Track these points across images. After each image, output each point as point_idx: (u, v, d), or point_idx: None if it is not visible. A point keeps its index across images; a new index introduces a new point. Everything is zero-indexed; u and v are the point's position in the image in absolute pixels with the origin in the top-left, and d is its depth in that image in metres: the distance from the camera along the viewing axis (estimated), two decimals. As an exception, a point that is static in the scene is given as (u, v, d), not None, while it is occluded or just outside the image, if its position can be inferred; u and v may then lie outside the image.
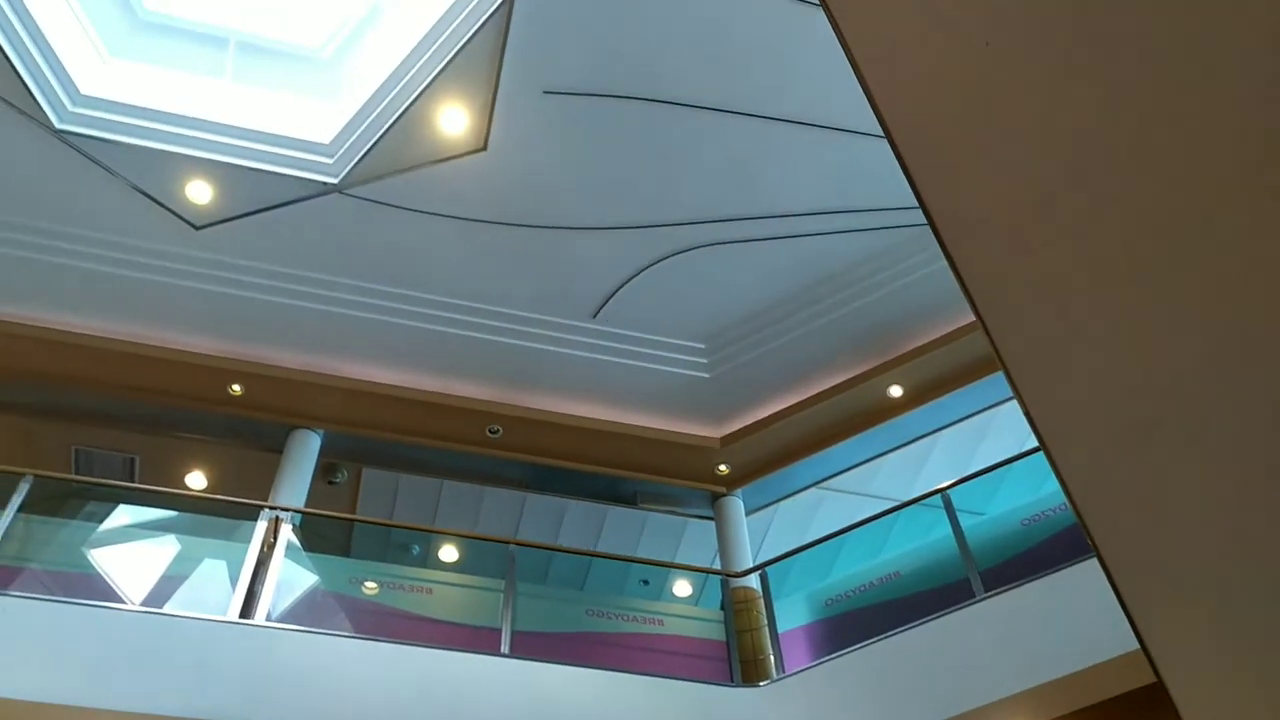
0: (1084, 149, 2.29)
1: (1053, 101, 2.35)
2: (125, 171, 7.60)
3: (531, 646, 7.14)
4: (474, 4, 6.83)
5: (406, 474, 9.69)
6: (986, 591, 6.57)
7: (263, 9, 7.83)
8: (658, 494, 9.71)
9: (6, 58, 6.92)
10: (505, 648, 6.96)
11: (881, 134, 2.66)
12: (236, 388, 8.59)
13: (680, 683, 7.06)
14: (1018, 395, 3.05)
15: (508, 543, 8.16)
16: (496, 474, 9.58)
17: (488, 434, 9.11)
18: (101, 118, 7.41)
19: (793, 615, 7.74)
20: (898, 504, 7.98)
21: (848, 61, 2.71)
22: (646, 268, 8.30)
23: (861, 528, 7.82)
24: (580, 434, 9.17)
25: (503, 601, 7.36)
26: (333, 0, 7.79)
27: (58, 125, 7.29)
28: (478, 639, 7.15)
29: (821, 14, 2.62)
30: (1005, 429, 8.93)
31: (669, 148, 7.56)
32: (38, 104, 7.17)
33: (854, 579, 7.58)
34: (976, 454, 9.34)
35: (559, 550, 9.77)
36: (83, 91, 7.33)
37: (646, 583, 9.40)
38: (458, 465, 9.43)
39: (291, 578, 7.23)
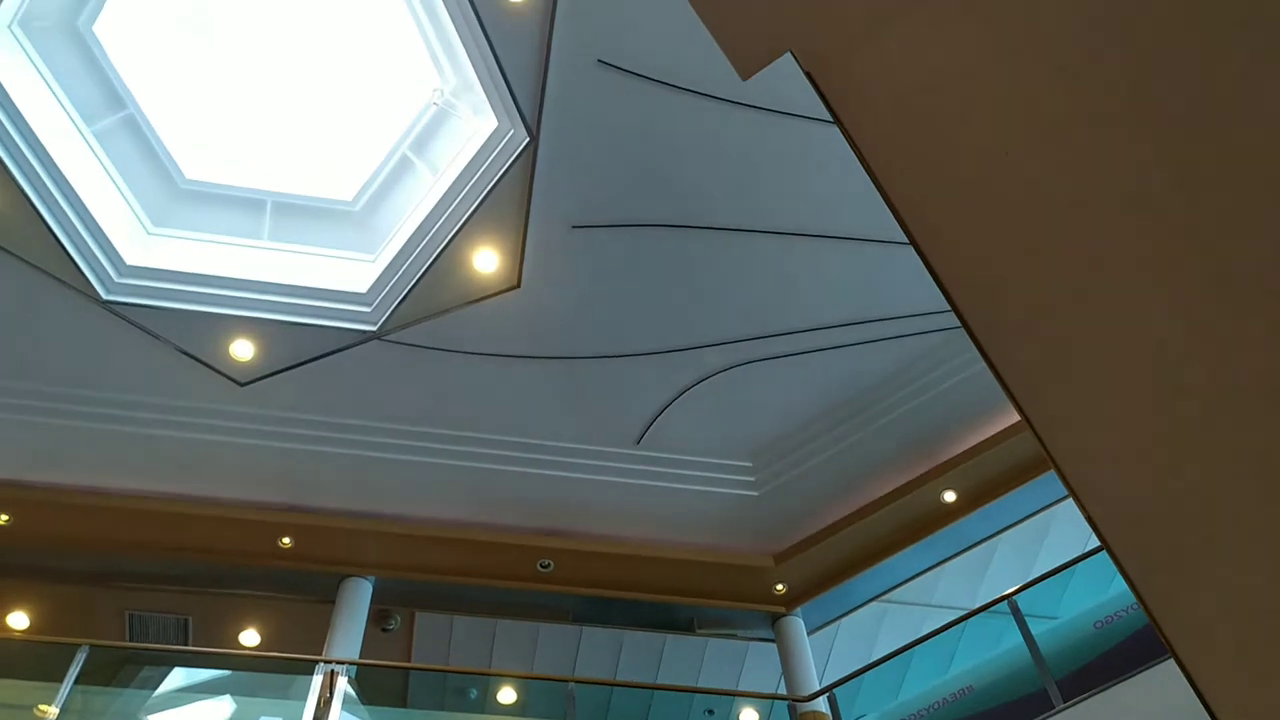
0: (1110, 246, 2.27)
1: (1072, 202, 2.34)
2: (170, 335, 7.78)
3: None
4: (498, 150, 7.04)
5: (460, 615, 9.56)
6: (1065, 701, 6.29)
7: (297, 170, 8.10)
8: (715, 618, 9.50)
9: (55, 236, 7.19)
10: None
11: (906, 241, 2.67)
12: (286, 540, 8.59)
13: (754, 818, 6.78)
14: (1073, 494, 2.96)
15: (566, 681, 7.98)
16: (550, 609, 9.43)
17: (539, 569, 9.00)
18: (146, 285, 7.63)
19: (866, 739, 7.45)
20: (964, 614, 7.74)
21: (869, 177, 2.75)
22: (686, 390, 8.29)
23: (929, 641, 7.57)
24: (632, 562, 9.04)
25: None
26: (362, 156, 8.05)
27: (105, 297, 7.51)
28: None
29: (836, 129, 2.66)
30: (1067, 525, 8.69)
31: (699, 270, 7.63)
32: (85, 278, 7.40)
33: (926, 696, 7.30)
34: (1040, 554, 9.09)
35: (619, 685, 9.49)
36: (128, 262, 7.57)
37: (711, 713, 9.09)
38: (511, 602, 9.30)
39: (349, 732, 7.09)
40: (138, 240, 7.73)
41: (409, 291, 7.66)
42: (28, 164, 7.03)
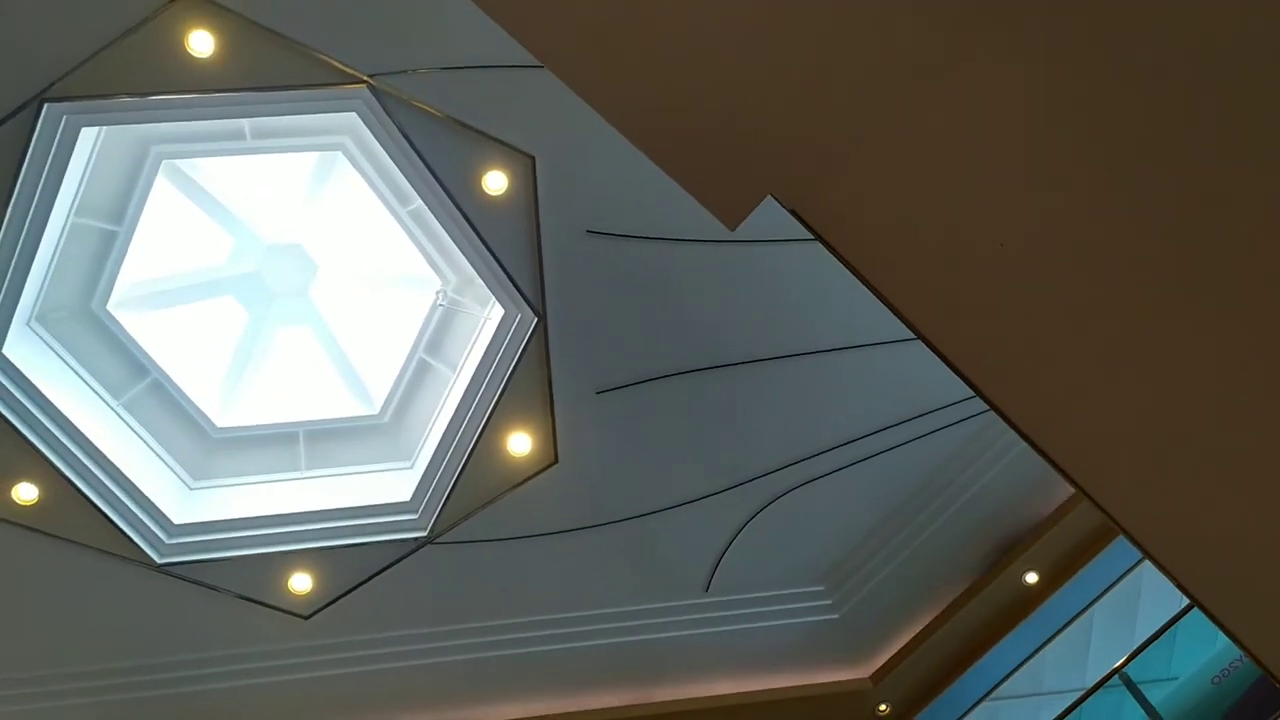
0: (1126, 324, 2.30)
1: (1074, 284, 2.38)
2: (228, 584, 7.80)
3: None
4: (510, 335, 7.19)
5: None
6: (1207, 766, 5.98)
7: (321, 397, 8.28)
8: (826, 754, 9.15)
9: (102, 513, 7.34)
10: None
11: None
12: (376, 768, 8.41)
13: None
14: (1149, 556, 2.90)
15: None
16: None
17: (640, 739, 8.76)
18: (197, 541, 7.70)
19: None
20: (1077, 697, 7.43)
21: (868, 290, 2.80)
22: (743, 527, 8.20)
23: (1048, 733, 7.25)
24: (727, 712, 8.77)
25: None
26: (380, 368, 8.23)
27: (159, 561, 7.59)
28: None
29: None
30: (1159, 581, 8.39)
31: (728, 408, 7.66)
32: (138, 547, 7.50)
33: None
34: (1139, 616, 8.78)
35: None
36: (176, 522, 7.66)
37: None
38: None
39: None
40: (181, 498, 7.85)
41: (451, 491, 7.69)
42: (65, 450, 7.23)
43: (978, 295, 2.65)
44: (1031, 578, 8.29)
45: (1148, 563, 7.46)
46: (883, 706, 8.81)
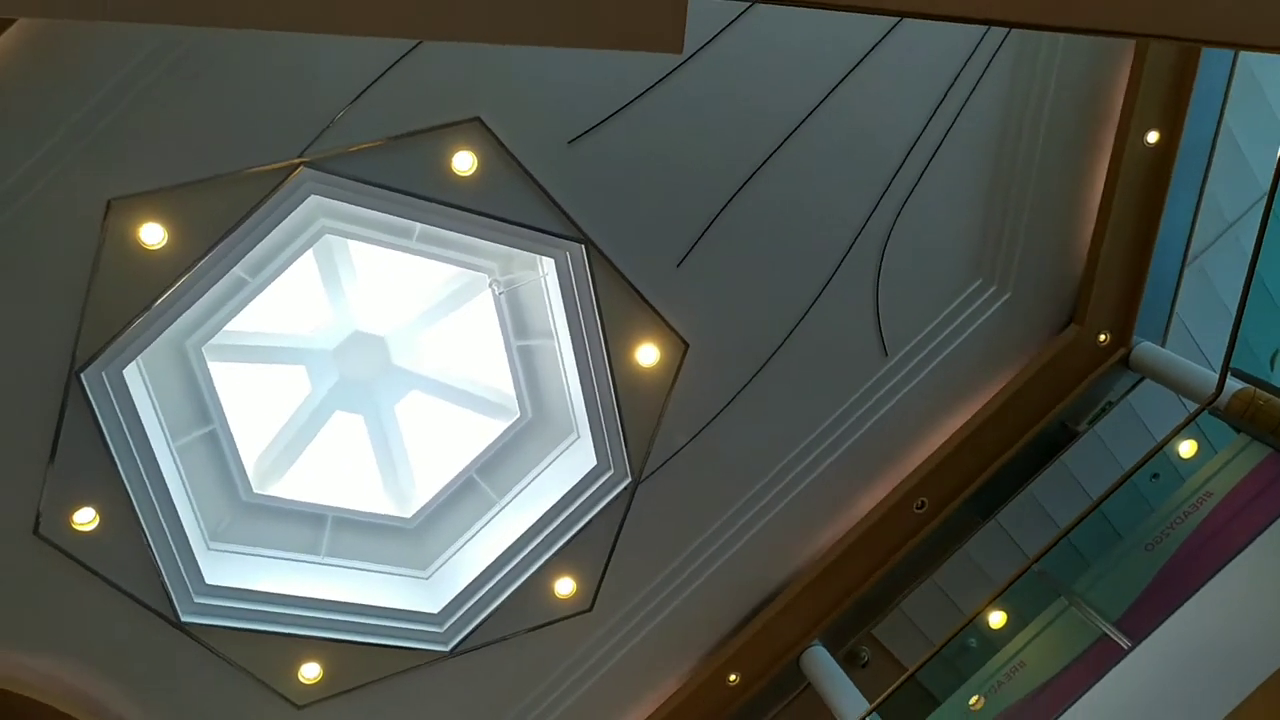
0: None
1: None
2: (512, 629, 8.24)
3: (1140, 620, 6.68)
4: (574, 276, 7.20)
5: (906, 603, 9.55)
6: None
7: (469, 437, 8.50)
8: (1084, 408, 9.08)
9: (380, 645, 7.87)
10: (1126, 644, 6.59)
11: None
12: (733, 677, 8.80)
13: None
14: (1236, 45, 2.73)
15: (1031, 564, 7.86)
16: (962, 527, 9.24)
17: (917, 512, 8.85)
18: (463, 614, 8.12)
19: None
20: (1265, 196, 7.04)
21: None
22: (877, 282, 8.03)
23: (1266, 242, 6.89)
24: (979, 435, 8.74)
25: (1079, 612, 7.01)
26: (496, 380, 8.35)
27: (449, 649, 8.06)
28: (1098, 660, 6.75)
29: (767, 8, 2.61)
30: (1265, 59, 7.96)
31: (788, 202, 7.47)
32: (424, 651, 8.00)
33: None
34: (1269, 91, 8.34)
35: (1069, 530, 9.11)
36: (435, 612, 8.06)
37: (1156, 477, 8.61)
38: (931, 553, 9.17)
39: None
40: (425, 591, 8.29)
41: (623, 432, 7.82)
42: (314, 620, 7.82)
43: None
44: (1153, 136, 7.85)
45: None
46: (1101, 337, 8.61)
